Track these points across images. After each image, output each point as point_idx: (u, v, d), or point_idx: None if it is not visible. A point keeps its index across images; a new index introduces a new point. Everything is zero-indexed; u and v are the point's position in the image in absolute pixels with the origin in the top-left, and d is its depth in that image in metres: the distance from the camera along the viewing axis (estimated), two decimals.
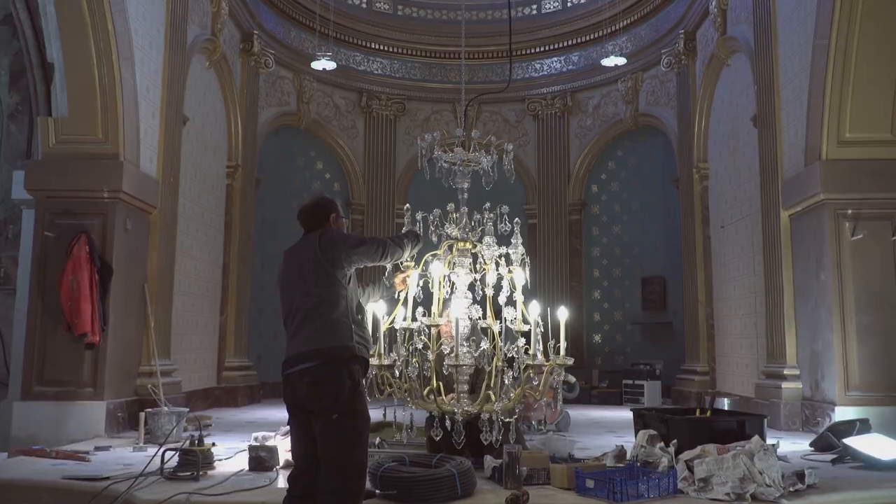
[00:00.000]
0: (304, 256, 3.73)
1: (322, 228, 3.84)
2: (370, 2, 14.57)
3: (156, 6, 8.71)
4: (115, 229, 7.77)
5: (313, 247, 3.71)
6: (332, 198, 4.06)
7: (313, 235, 3.79)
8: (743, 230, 9.89)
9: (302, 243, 3.84)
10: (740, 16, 9.81)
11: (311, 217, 3.91)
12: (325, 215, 3.89)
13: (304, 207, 3.95)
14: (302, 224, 3.93)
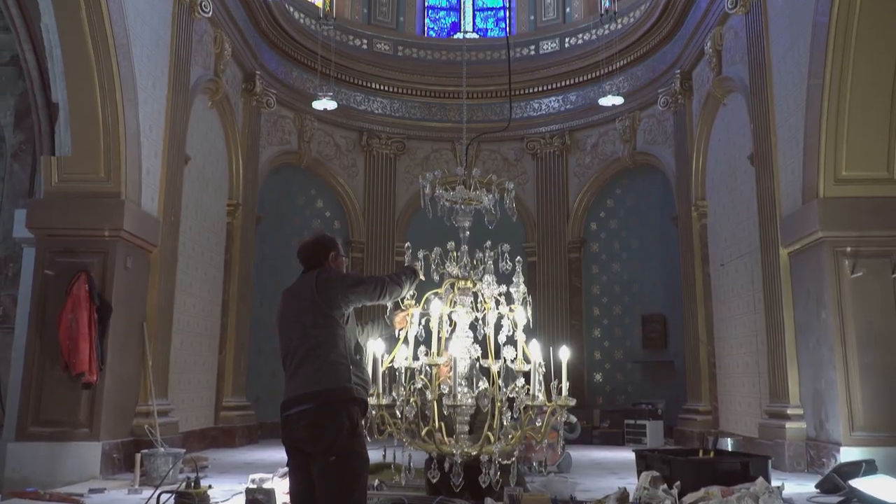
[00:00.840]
0: (302, 297, 3.71)
1: (321, 267, 3.83)
2: (371, 43, 14.77)
3: (160, 48, 8.83)
4: (115, 268, 7.77)
5: (310, 287, 3.68)
6: (333, 236, 4.06)
7: (311, 275, 3.77)
8: (742, 268, 9.89)
9: (299, 283, 3.82)
10: (735, 56, 9.94)
11: (311, 255, 3.90)
12: (325, 253, 3.88)
13: (304, 245, 3.95)
14: (301, 262, 3.92)
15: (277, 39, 12.84)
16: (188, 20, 9.48)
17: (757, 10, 9.08)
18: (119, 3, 7.65)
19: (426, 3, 16.14)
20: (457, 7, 16.25)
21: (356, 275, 3.95)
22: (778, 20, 8.63)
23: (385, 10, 15.38)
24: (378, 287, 3.93)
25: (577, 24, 14.77)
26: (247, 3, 11.54)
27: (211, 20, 10.21)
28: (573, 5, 15.14)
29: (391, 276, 4.12)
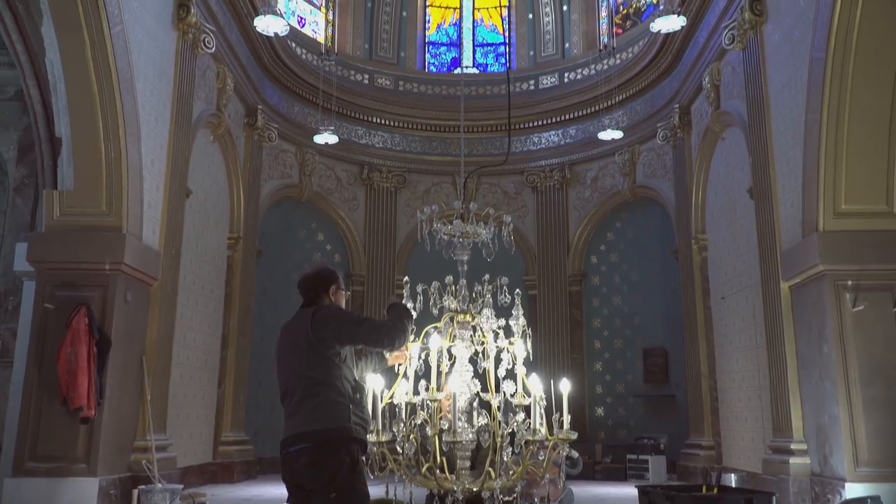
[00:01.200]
0: (298, 334, 3.66)
1: (320, 300, 3.81)
2: (372, 78, 14.92)
3: (163, 83, 8.92)
4: (115, 301, 7.77)
5: (306, 325, 3.62)
6: (334, 269, 4.03)
7: (307, 312, 3.72)
8: (743, 301, 9.87)
9: (296, 319, 3.77)
10: (733, 91, 10.02)
11: (311, 287, 3.87)
12: (326, 286, 3.85)
13: (304, 277, 3.91)
14: (301, 294, 3.88)
15: (279, 74, 12.98)
16: (191, 56, 9.59)
17: (754, 46, 9.18)
18: (123, 40, 7.75)
19: (427, 39, 16.34)
20: (457, 43, 16.44)
21: (356, 315, 3.84)
22: (775, 56, 8.72)
23: (386, 45, 15.56)
24: (382, 333, 3.75)
25: (576, 59, 14.93)
26: (249, 39, 11.68)
27: (214, 56, 10.33)
28: (572, 41, 15.32)
29: (394, 321, 3.91)
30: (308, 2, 14.91)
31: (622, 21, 14.74)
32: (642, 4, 14.41)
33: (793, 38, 8.18)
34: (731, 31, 9.52)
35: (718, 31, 10.07)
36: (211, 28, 9.91)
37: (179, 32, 9.28)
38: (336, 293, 3.89)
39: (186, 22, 9.25)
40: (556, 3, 15.47)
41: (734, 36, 9.48)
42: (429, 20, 16.46)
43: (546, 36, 15.57)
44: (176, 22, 9.20)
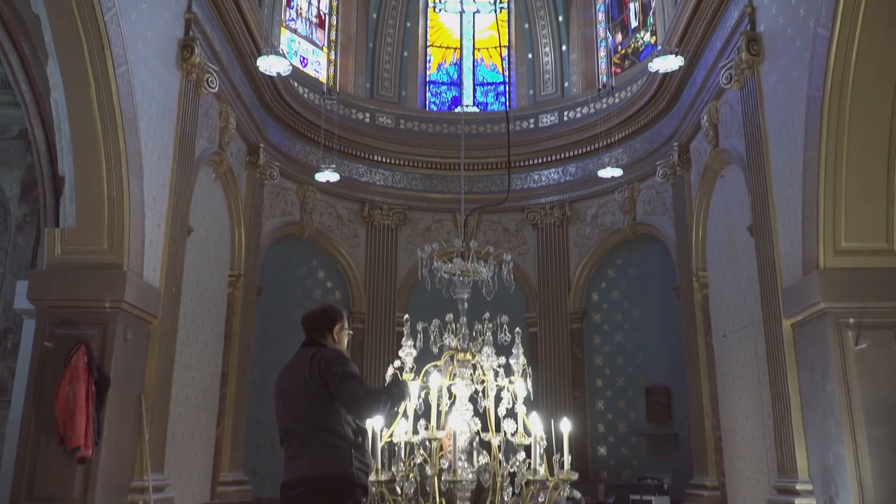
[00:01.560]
0: (297, 376, 3.63)
1: (323, 339, 3.78)
2: (373, 116, 15.06)
3: (166, 122, 9.01)
4: (114, 339, 7.74)
5: (305, 368, 3.59)
6: (340, 308, 4.00)
7: (307, 354, 3.69)
8: (746, 339, 9.82)
9: (297, 359, 3.75)
10: (731, 129, 10.11)
11: (315, 325, 3.84)
12: (331, 325, 3.83)
13: (309, 314, 3.89)
14: (305, 331, 3.86)
15: (281, 113, 13.10)
16: (194, 95, 9.69)
17: (751, 85, 9.28)
18: (127, 80, 7.84)
19: (427, 79, 16.54)
20: (457, 82, 16.64)
21: (345, 372, 3.65)
22: (772, 95, 8.81)
23: (387, 84, 15.74)
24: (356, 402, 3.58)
25: (575, 98, 15.08)
26: (252, 78, 11.82)
27: (217, 95, 10.44)
28: (571, 80, 15.49)
29: (376, 396, 3.73)
30: (310, 42, 15.12)
31: (621, 61, 14.93)
32: (640, 45, 14.61)
33: (790, 78, 8.27)
34: (729, 71, 9.63)
35: (716, 71, 10.19)
36: (214, 68, 10.04)
37: (183, 72, 9.40)
38: (340, 332, 3.87)
39: (190, 62, 9.37)
40: (556, 44, 15.68)
41: (731, 75, 9.58)
42: (429, 60, 16.67)
43: (545, 75, 15.75)
44: (180, 62, 9.32)
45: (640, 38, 14.64)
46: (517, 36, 16.38)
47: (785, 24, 8.36)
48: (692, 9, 10.64)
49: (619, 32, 15.17)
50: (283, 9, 14.35)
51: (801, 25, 7.91)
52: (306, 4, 15.17)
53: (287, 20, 14.57)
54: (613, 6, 15.35)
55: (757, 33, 9.13)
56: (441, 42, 16.85)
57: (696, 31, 10.80)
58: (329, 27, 15.58)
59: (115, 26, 7.59)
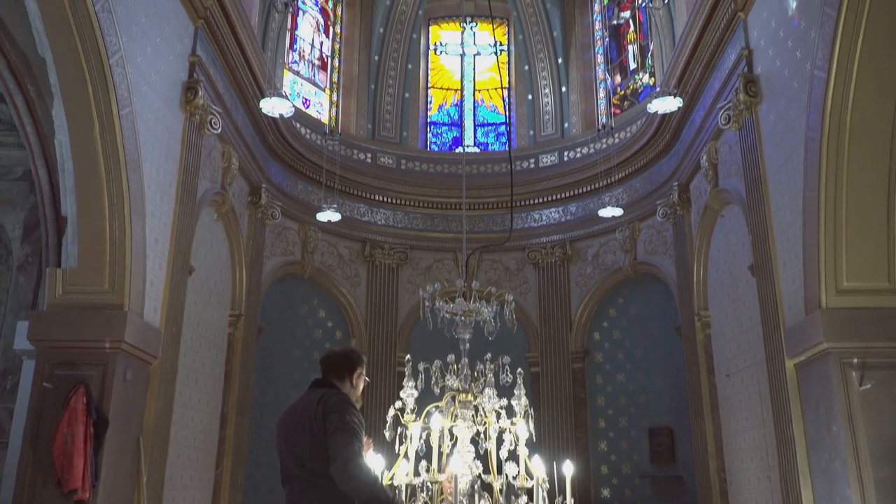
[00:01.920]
0: (303, 419, 3.56)
1: (341, 381, 3.70)
2: (375, 156, 15.18)
3: (169, 162, 9.07)
4: (114, 380, 7.69)
5: (312, 413, 3.52)
6: (361, 353, 3.94)
7: (315, 396, 3.62)
8: (749, 379, 9.76)
9: (304, 401, 3.68)
10: (731, 169, 10.16)
11: (335, 366, 3.77)
12: (351, 369, 3.77)
13: (332, 354, 3.83)
14: (323, 369, 3.78)
15: (284, 154, 13.21)
16: (198, 136, 9.78)
17: (750, 125, 9.36)
18: (132, 122, 7.93)
19: (429, 119, 16.71)
20: (458, 123, 16.80)
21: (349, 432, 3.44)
22: (771, 135, 8.88)
23: (389, 125, 15.89)
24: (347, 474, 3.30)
25: (575, 138, 15.21)
26: (255, 119, 11.94)
27: (220, 136, 10.53)
28: (571, 121, 15.64)
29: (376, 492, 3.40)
30: (313, 84, 15.30)
31: (620, 101, 15.09)
32: (639, 86, 14.78)
33: (788, 119, 8.35)
34: (727, 112, 9.72)
35: (714, 112, 10.29)
36: (218, 110, 10.14)
37: (187, 114, 9.50)
38: (358, 379, 3.80)
39: (194, 104, 9.48)
40: (555, 85, 15.86)
41: (730, 116, 9.67)
42: (430, 101, 16.86)
43: (545, 116, 15.91)
44: (184, 104, 9.42)
45: (638, 80, 14.82)
46: (517, 77, 16.59)
47: (782, 66, 8.46)
48: (690, 51, 10.79)
49: (618, 74, 15.36)
50: (286, 51, 14.57)
51: (797, 67, 8.01)
52: (309, 47, 15.39)
53: (290, 62, 14.77)
54: (612, 48, 15.57)
55: (754, 75, 9.24)
56: (442, 83, 17.05)
57: (694, 73, 10.94)
58: (331, 69, 15.79)
59: (121, 69, 7.70)
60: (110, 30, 7.48)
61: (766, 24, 8.87)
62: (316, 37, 15.59)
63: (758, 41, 9.19)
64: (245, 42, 10.87)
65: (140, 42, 8.26)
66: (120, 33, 7.69)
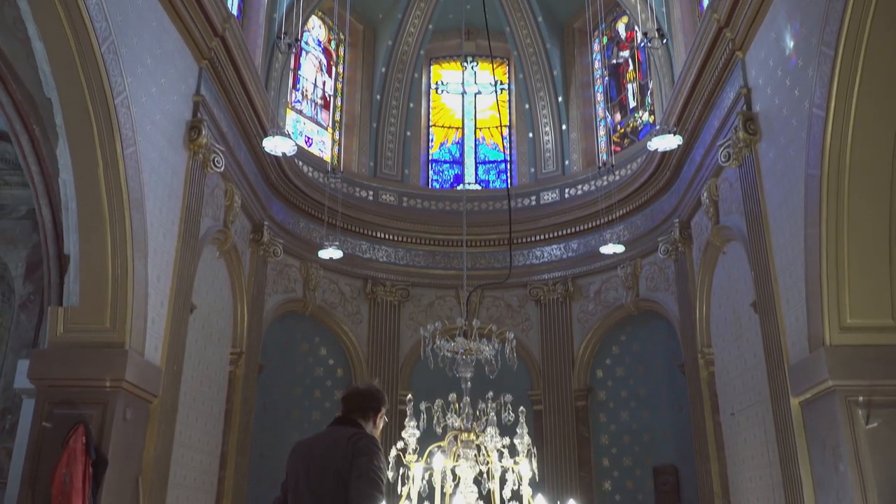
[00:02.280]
0: (330, 461, 3.37)
1: (366, 419, 3.57)
2: (377, 194, 15.25)
3: (172, 200, 9.12)
4: (113, 419, 7.64)
5: (344, 455, 3.34)
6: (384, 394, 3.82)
7: (344, 434, 3.44)
8: (754, 417, 9.66)
9: (331, 437, 3.49)
10: (731, 206, 10.19)
11: (361, 405, 3.63)
12: (378, 407, 3.64)
13: (358, 392, 3.71)
14: (348, 406, 3.66)
15: (286, 192, 13.28)
16: (201, 175, 9.84)
17: (750, 163, 9.41)
18: (135, 161, 7.99)
19: (430, 157, 16.82)
20: (459, 160, 16.91)
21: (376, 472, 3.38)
22: (771, 172, 8.92)
23: (391, 163, 16.00)
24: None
25: (576, 175, 15.28)
26: (258, 157, 12.03)
27: (223, 174, 10.60)
28: (572, 158, 15.73)
29: None
30: (315, 123, 15.45)
31: (620, 139, 15.20)
32: (639, 124, 14.90)
33: (787, 156, 8.39)
34: (727, 149, 9.78)
35: (714, 149, 10.35)
36: (221, 148, 10.22)
37: (190, 153, 9.57)
38: (380, 419, 3.70)
39: (197, 143, 9.55)
40: (556, 123, 16.00)
41: (730, 153, 9.73)
42: (432, 139, 17.00)
43: (546, 153, 16.01)
44: (187, 143, 9.50)
45: (638, 118, 14.95)
46: (518, 116, 16.74)
47: (780, 105, 8.54)
48: (689, 89, 10.90)
49: (618, 112, 15.51)
50: (290, 91, 14.73)
51: (796, 105, 8.08)
52: (312, 87, 15.57)
53: (293, 101, 14.93)
54: (612, 87, 15.74)
55: (753, 113, 9.32)
56: (443, 122, 17.21)
57: (694, 111, 11.03)
58: (334, 108, 15.95)
59: (125, 109, 7.78)
60: (115, 70, 7.57)
61: (764, 63, 8.98)
62: (319, 76, 15.78)
63: (756, 80, 9.29)
64: (249, 82, 11.00)
65: (145, 82, 8.37)
66: (125, 74, 7.79)
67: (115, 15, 7.60)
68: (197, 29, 9.49)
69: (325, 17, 15.83)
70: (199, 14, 9.41)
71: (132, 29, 8.03)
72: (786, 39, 8.32)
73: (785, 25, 8.33)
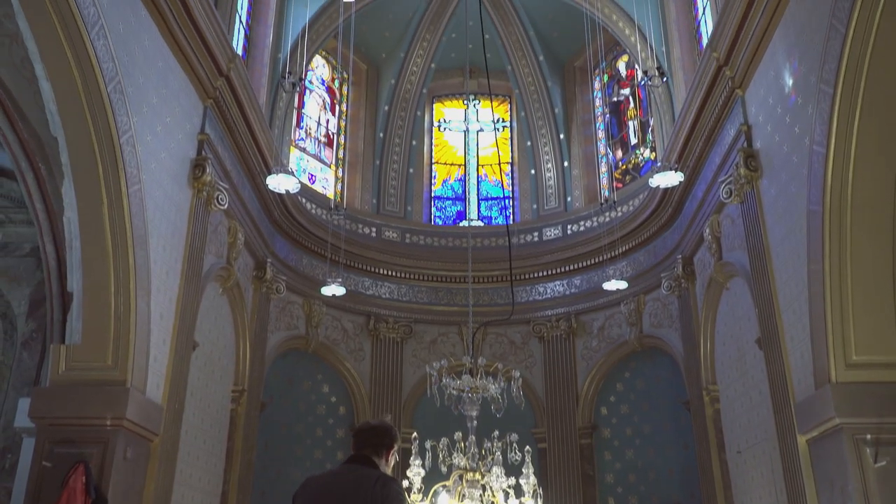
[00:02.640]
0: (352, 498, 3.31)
1: (378, 457, 3.51)
2: (380, 230, 15.29)
3: (176, 238, 9.14)
4: (114, 458, 7.57)
5: (365, 496, 3.28)
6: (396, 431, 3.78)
7: (369, 476, 3.37)
8: (761, 455, 9.55)
9: (349, 477, 3.42)
10: (734, 242, 10.20)
11: (375, 441, 3.58)
12: (390, 444, 3.59)
13: (371, 428, 3.67)
14: (360, 442, 3.62)
15: (289, 228, 13.32)
16: (204, 212, 9.88)
17: (751, 199, 9.44)
18: (140, 199, 8.03)
19: (433, 194, 16.90)
20: (462, 197, 16.98)
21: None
22: (773, 209, 8.94)
23: (393, 200, 16.07)
24: None
25: (578, 211, 15.33)
26: (261, 195, 12.09)
27: (226, 212, 10.64)
28: (574, 194, 15.80)
29: None
30: (319, 160, 15.56)
31: (622, 176, 15.28)
32: (640, 160, 14.99)
33: (789, 193, 8.42)
34: (729, 186, 9.82)
35: (716, 186, 10.39)
36: (225, 186, 10.28)
37: (194, 190, 9.63)
38: (392, 456, 3.65)
39: (201, 181, 9.61)
40: (557, 159, 16.10)
41: (731, 190, 9.77)
42: (435, 176, 17.10)
43: (548, 190, 16.08)
44: (191, 181, 9.56)
45: (639, 154, 15.04)
46: (520, 152, 16.86)
47: (781, 141, 8.59)
48: (689, 127, 10.98)
49: (620, 149, 15.61)
50: (293, 129, 14.86)
51: (796, 142, 8.13)
52: (315, 125, 15.71)
53: (296, 139, 15.06)
54: (613, 124, 15.87)
55: (754, 150, 9.37)
56: (446, 159, 17.33)
57: (695, 148, 11.10)
58: (337, 146, 16.08)
59: (131, 148, 7.85)
60: (122, 110, 7.65)
61: (764, 101, 9.05)
62: (322, 115, 15.94)
63: (756, 117, 9.36)
64: (253, 120, 11.11)
65: (150, 121, 8.45)
66: (131, 113, 7.86)
67: (122, 55, 7.70)
68: (202, 69, 9.61)
69: (328, 56, 16.03)
70: (205, 54, 9.53)
71: (138, 69, 8.13)
72: (785, 77, 8.40)
73: (784, 64, 8.42)
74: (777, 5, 8.39)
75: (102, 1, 7.27)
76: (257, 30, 13.02)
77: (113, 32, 7.47)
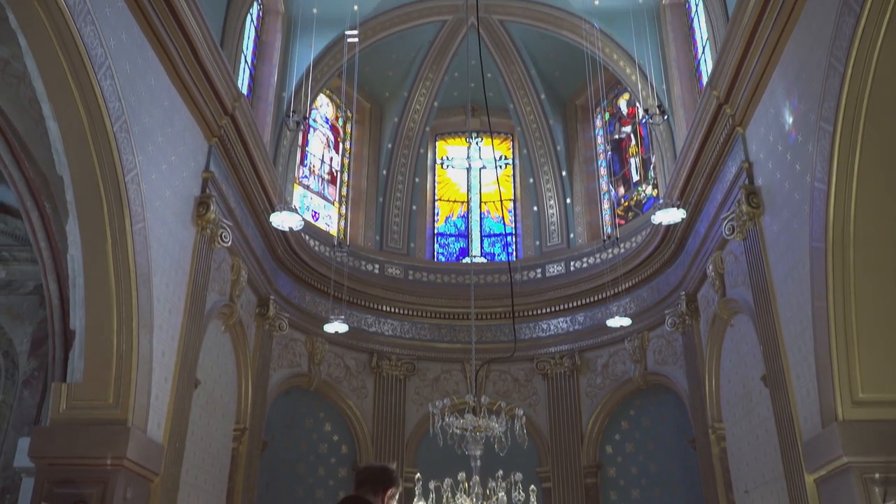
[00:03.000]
0: None
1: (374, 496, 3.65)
2: (383, 267, 15.29)
3: (179, 275, 9.15)
4: (114, 498, 7.48)
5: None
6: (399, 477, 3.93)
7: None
8: (769, 495, 9.41)
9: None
10: (737, 279, 10.17)
11: (370, 478, 3.75)
12: (386, 486, 3.74)
13: (370, 467, 3.86)
14: (360, 480, 3.77)
15: (293, 265, 13.32)
16: (208, 250, 9.90)
17: (754, 236, 9.44)
18: (144, 236, 8.05)
19: (436, 231, 16.93)
20: (465, 234, 17.02)
21: None
22: (775, 245, 8.93)
23: (396, 237, 16.10)
24: None
25: (581, 248, 15.34)
26: (265, 232, 12.12)
27: (230, 249, 10.66)
28: (576, 231, 15.82)
29: None
30: (322, 197, 15.63)
31: (624, 213, 15.31)
32: (643, 197, 15.03)
33: (791, 229, 8.42)
34: (731, 223, 9.82)
35: (718, 222, 10.40)
36: (228, 223, 10.31)
37: (198, 228, 9.66)
38: (390, 499, 3.77)
39: (205, 218, 9.65)
40: (560, 197, 16.16)
41: (734, 227, 9.77)
42: (437, 213, 17.16)
43: (551, 227, 16.12)
44: (195, 218, 9.59)
45: (641, 191, 15.10)
46: (523, 189, 16.93)
47: (782, 179, 8.62)
48: (691, 164, 11.03)
49: (622, 186, 15.67)
50: (297, 167, 14.96)
51: (797, 180, 8.15)
52: (319, 162, 15.82)
53: (300, 177, 15.14)
54: (615, 161, 15.95)
55: (755, 187, 9.40)
56: (449, 196, 17.41)
57: (696, 185, 11.14)
58: (340, 183, 16.17)
59: (136, 186, 7.90)
60: (127, 149, 7.72)
61: (765, 139, 9.11)
62: (326, 152, 16.06)
63: (757, 154, 9.41)
64: (257, 158, 11.18)
65: (156, 160, 8.51)
66: (136, 152, 7.93)
67: (129, 95, 7.80)
68: (207, 108, 9.71)
69: (332, 95, 16.21)
70: (210, 94, 9.64)
71: (144, 108, 8.22)
72: (785, 115, 8.46)
73: (783, 102, 8.49)
74: (776, 44, 8.49)
75: (110, 42, 7.38)
76: (262, 69, 13.20)
77: (120, 73, 7.57)
